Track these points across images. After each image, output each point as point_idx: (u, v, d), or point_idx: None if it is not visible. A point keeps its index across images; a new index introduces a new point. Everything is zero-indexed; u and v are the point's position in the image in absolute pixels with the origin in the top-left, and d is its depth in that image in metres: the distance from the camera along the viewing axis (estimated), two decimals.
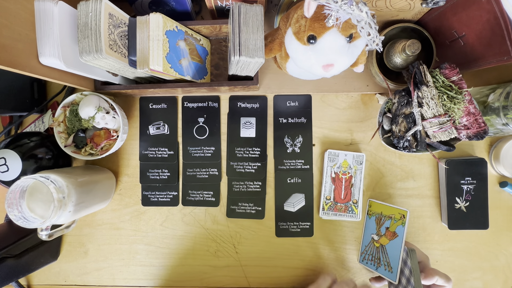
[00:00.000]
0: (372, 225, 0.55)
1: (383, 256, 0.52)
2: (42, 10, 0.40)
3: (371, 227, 0.56)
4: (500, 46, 0.41)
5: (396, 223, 0.52)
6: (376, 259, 0.53)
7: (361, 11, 0.36)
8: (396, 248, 0.51)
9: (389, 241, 0.52)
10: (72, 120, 0.53)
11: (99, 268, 0.60)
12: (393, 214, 0.53)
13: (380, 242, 0.53)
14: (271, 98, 0.60)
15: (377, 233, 0.54)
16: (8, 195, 0.44)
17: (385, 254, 0.52)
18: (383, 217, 0.54)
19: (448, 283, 0.49)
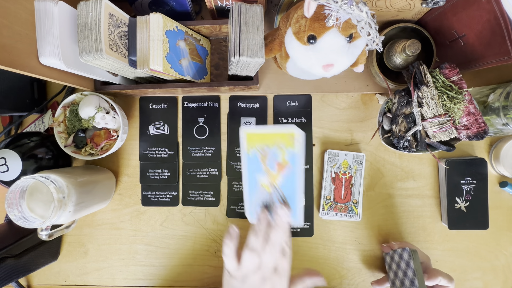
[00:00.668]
0: (256, 164, 0.41)
1: (277, 197, 0.41)
2: (42, 10, 0.40)
3: (254, 168, 0.42)
4: (500, 46, 0.41)
5: (286, 149, 0.40)
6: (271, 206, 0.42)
7: (361, 11, 0.36)
8: (292, 182, 0.40)
9: (282, 177, 0.41)
10: (72, 120, 0.53)
11: (99, 268, 0.60)
12: (280, 140, 0.40)
13: (271, 183, 0.41)
14: (271, 98, 0.60)
15: (265, 173, 0.41)
16: (8, 195, 0.44)
17: (281, 193, 0.41)
18: (268, 149, 0.41)
19: (451, 283, 0.49)
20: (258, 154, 0.41)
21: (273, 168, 0.41)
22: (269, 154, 0.41)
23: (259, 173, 0.42)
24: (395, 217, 0.60)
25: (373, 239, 0.59)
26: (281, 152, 0.40)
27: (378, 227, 0.60)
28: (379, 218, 0.60)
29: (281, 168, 0.41)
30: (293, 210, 0.41)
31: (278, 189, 0.41)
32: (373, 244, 0.59)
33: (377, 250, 0.59)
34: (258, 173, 0.42)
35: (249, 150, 0.42)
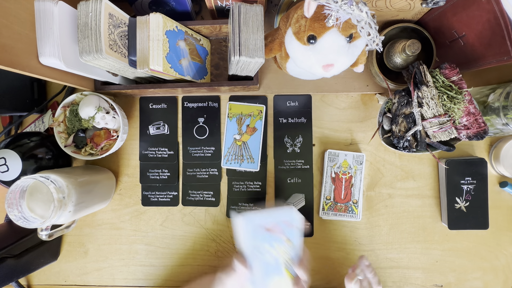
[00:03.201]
0: (234, 126, 0.59)
1: (245, 151, 0.58)
2: (42, 10, 0.40)
3: (232, 128, 0.59)
4: (500, 46, 0.41)
5: (255, 119, 0.58)
6: (239, 156, 0.58)
7: (361, 11, 0.36)
8: (256, 141, 0.58)
9: (250, 137, 0.58)
10: (72, 120, 0.53)
11: (99, 268, 0.60)
12: (252, 112, 0.58)
13: (242, 140, 0.58)
14: (271, 98, 0.60)
15: (239, 133, 0.58)
16: (8, 195, 0.44)
17: (247, 149, 0.58)
18: (243, 116, 0.58)
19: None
20: (235, 120, 0.57)
21: (244, 130, 0.58)
22: (243, 120, 0.55)
23: (235, 133, 0.56)
24: (395, 217, 0.60)
25: (373, 239, 0.59)
26: (251, 120, 0.56)
27: (378, 227, 0.60)
28: (379, 218, 0.60)
29: (250, 131, 0.58)
30: (255, 161, 0.57)
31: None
32: (373, 244, 0.59)
33: (377, 250, 0.59)
34: (234, 134, 0.56)
35: (231, 117, 0.56)
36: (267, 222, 0.42)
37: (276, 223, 0.42)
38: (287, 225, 0.43)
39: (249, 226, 0.41)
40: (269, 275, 0.43)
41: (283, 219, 0.42)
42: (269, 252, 0.42)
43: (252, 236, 0.42)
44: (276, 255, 0.42)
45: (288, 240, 0.43)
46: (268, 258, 0.42)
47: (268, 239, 0.42)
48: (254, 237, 0.42)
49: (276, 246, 0.42)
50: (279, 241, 0.42)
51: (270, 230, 0.42)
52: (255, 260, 0.42)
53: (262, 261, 0.42)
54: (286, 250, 0.43)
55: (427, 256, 0.59)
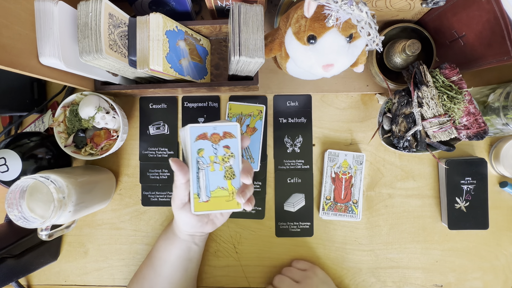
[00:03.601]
0: None
1: (245, 151, 0.58)
2: (42, 10, 0.40)
3: None
4: (500, 46, 0.41)
5: (255, 119, 0.59)
6: None
7: (361, 11, 0.36)
8: (256, 141, 0.58)
9: (250, 137, 0.58)
10: (72, 120, 0.53)
11: (99, 268, 0.60)
12: (252, 112, 0.59)
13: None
14: (271, 98, 0.60)
15: None
16: (8, 195, 0.44)
17: (247, 149, 0.59)
18: (243, 116, 0.59)
19: None
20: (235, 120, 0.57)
21: (244, 130, 0.59)
22: (243, 120, 0.57)
23: None
24: (395, 217, 0.60)
25: (373, 239, 0.59)
26: (251, 120, 0.58)
27: (378, 227, 0.60)
28: (379, 218, 0.60)
29: (250, 131, 0.59)
30: (255, 161, 0.58)
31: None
32: (373, 244, 0.59)
33: (377, 250, 0.59)
34: None
35: (231, 117, 0.58)
36: (211, 131, 0.43)
37: (219, 133, 0.43)
38: (229, 136, 0.43)
39: (194, 135, 0.42)
40: (213, 185, 0.44)
41: (226, 130, 0.43)
42: (212, 161, 0.43)
43: (196, 144, 0.42)
44: (219, 164, 0.43)
45: (230, 151, 0.44)
46: (210, 168, 0.43)
47: (211, 149, 0.43)
48: (197, 146, 0.43)
49: (219, 156, 0.43)
50: (221, 151, 0.43)
51: (212, 140, 0.43)
52: (197, 168, 0.43)
53: (205, 170, 0.43)
54: (228, 160, 0.44)
55: (427, 256, 0.59)
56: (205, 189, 0.44)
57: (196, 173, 0.43)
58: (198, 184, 0.43)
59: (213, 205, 0.44)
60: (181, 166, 0.42)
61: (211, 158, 0.43)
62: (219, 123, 0.43)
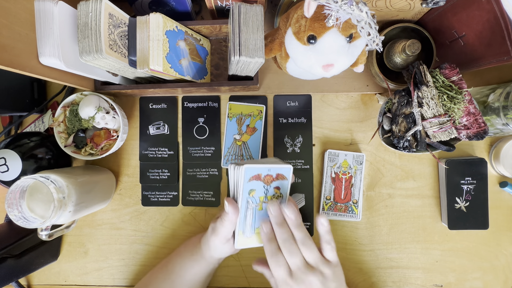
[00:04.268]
0: (234, 126, 0.59)
1: (245, 151, 0.59)
2: (42, 10, 0.40)
3: (232, 128, 0.59)
4: (500, 46, 0.41)
5: (255, 119, 0.59)
6: (239, 156, 0.59)
7: (361, 11, 0.36)
8: (256, 141, 0.58)
9: (250, 137, 0.58)
10: (72, 120, 0.53)
11: (99, 268, 0.60)
12: (252, 112, 0.59)
13: (242, 140, 0.59)
14: (271, 98, 0.60)
15: (239, 133, 0.59)
16: (8, 195, 0.44)
17: (247, 149, 0.59)
18: (243, 116, 0.59)
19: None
20: (235, 120, 0.58)
21: (244, 130, 0.59)
22: (243, 120, 0.56)
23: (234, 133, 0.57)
24: (395, 217, 0.60)
25: (373, 239, 0.59)
26: (251, 120, 0.57)
27: (378, 227, 0.60)
28: (379, 218, 0.60)
29: (250, 131, 0.58)
30: None
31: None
32: (373, 244, 0.59)
33: (377, 250, 0.59)
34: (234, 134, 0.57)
35: (231, 117, 0.58)
36: (265, 172, 0.43)
37: (272, 175, 0.43)
38: (281, 178, 0.44)
39: (248, 175, 0.42)
40: (258, 223, 0.44)
41: (280, 172, 0.44)
42: (261, 201, 0.44)
43: (248, 185, 0.42)
44: (267, 203, 0.44)
45: (279, 191, 0.44)
46: (258, 207, 0.44)
47: (262, 189, 0.43)
48: (249, 186, 0.43)
49: (268, 196, 0.44)
50: (271, 192, 0.44)
51: (265, 181, 0.43)
52: (246, 208, 0.43)
53: (253, 209, 0.44)
54: (277, 200, 0.44)
55: (427, 256, 0.59)
56: (250, 227, 0.44)
57: (244, 212, 0.43)
58: (245, 221, 0.44)
59: (255, 240, 0.45)
60: (235, 207, 0.42)
61: (261, 198, 0.44)
62: (274, 165, 0.43)
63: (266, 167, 0.42)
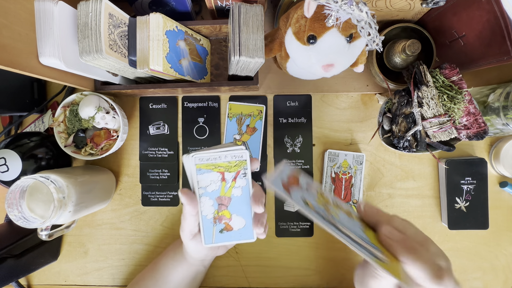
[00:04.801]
0: (234, 126, 0.59)
1: None
2: (42, 10, 0.40)
3: (232, 128, 0.59)
4: (500, 46, 0.41)
5: (255, 119, 0.59)
6: None
7: (361, 11, 0.36)
8: (256, 141, 0.58)
9: (250, 137, 0.58)
10: (72, 120, 0.53)
11: (99, 268, 0.60)
12: (252, 112, 0.59)
13: (242, 140, 0.58)
14: (271, 98, 0.60)
15: (239, 133, 0.59)
16: (8, 195, 0.44)
17: (247, 149, 0.58)
18: (243, 116, 0.59)
19: None
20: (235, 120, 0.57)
21: (244, 130, 0.57)
22: (243, 120, 0.55)
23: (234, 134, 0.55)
24: None
25: None
26: (251, 120, 0.56)
27: None
28: None
29: (250, 131, 0.58)
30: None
31: None
32: None
33: None
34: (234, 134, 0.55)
35: (231, 118, 0.55)
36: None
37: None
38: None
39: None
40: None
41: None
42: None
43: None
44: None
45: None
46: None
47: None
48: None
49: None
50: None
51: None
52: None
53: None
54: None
55: None
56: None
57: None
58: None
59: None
60: (191, 197, 0.40)
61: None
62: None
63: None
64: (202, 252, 0.46)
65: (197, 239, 0.44)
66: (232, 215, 0.42)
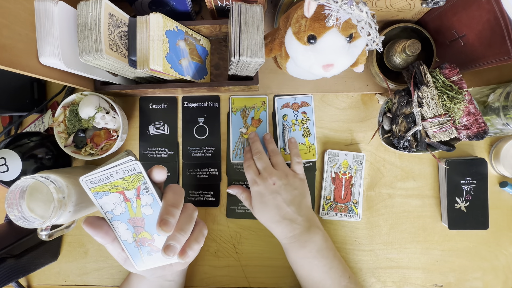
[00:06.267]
0: (238, 120, 0.59)
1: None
2: (42, 10, 0.40)
3: (237, 122, 0.59)
4: (500, 46, 0.41)
5: (259, 111, 0.59)
6: None
7: (361, 11, 0.36)
8: (262, 133, 0.59)
9: (256, 129, 0.58)
10: (72, 120, 0.53)
11: (99, 268, 0.60)
12: (255, 103, 0.59)
13: (248, 133, 0.58)
14: (271, 98, 0.60)
15: (244, 126, 0.58)
16: (8, 195, 0.44)
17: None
18: (247, 109, 0.59)
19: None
20: (239, 114, 0.58)
21: (250, 123, 0.59)
22: (247, 113, 0.58)
23: (240, 127, 0.58)
24: (395, 217, 0.60)
25: (373, 239, 0.59)
26: (256, 112, 0.58)
27: (378, 227, 0.60)
28: (379, 218, 0.60)
29: (255, 123, 0.59)
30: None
31: None
32: (373, 244, 0.59)
33: (377, 250, 0.59)
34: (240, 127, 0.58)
35: (235, 112, 0.59)
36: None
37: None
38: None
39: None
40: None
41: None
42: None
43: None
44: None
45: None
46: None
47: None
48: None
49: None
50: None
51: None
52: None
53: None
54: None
55: (427, 256, 0.59)
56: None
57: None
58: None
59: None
60: (95, 226, 0.36)
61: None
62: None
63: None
64: (149, 272, 0.43)
65: (130, 263, 0.41)
66: (153, 235, 0.38)
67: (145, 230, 0.38)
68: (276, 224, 0.51)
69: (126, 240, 0.39)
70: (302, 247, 0.50)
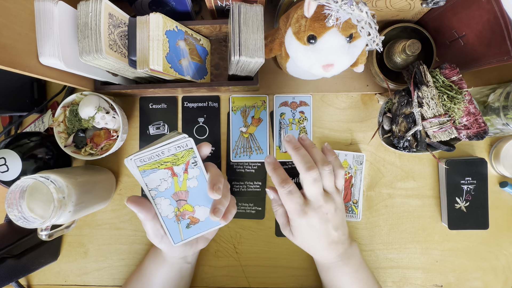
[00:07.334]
0: (239, 119, 0.59)
1: (253, 143, 0.58)
2: (42, 10, 0.40)
3: (237, 122, 0.59)
4: (500, 46, 0.41)
5: (260, 110, 0.58)
6: (247, 149, 0.58)
7: (361, 11, 0.36)
8: (263, 132, 0.58)
9: (256, 128, 0.58)
10: (72, 120, 0.53)
11: (99, 268, 0.60)
12: (256, 103, 0.59)
13: (248, 132, 0.58)
14: (271, 98, 0.60)
15: (245, 125, 0.58)
16: (8, 195, 0.44)
17: (255, 140, 0.58)
18: (247, 108, 0.59)
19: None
20: (239, 113, 0.56)
21: (250, 122, 0.57)
22: (247, 112, 0.55)
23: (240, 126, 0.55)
24: (395, 217, 0.60)
25: (373, 239, 0.59)
26: (256, 111, 0.56)
27: (378, 227, 0.60)
28: (379, 218, 0.60)
29: (256, 123, 0.57)
30: (264, 151, 0.58)
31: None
32: (373, 244, 0.59)
33: (377, 250, 0.59)
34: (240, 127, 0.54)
35: (235, 111, 0.56)
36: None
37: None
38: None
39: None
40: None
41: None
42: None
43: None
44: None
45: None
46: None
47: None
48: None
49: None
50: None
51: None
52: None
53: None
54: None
55: (427, 256, 0.59)
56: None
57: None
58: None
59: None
60: (139, 204, 0.39)
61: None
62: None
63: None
64: (178, 250, 0.46)
65: (167, 240, 0.43)
66: (194, 207, 0.41)
67: (188, 202, 0.41)
68: (322, 250, 0.47)
69: (166, 216, 0.41)
70: (345, 264, 0.48)
